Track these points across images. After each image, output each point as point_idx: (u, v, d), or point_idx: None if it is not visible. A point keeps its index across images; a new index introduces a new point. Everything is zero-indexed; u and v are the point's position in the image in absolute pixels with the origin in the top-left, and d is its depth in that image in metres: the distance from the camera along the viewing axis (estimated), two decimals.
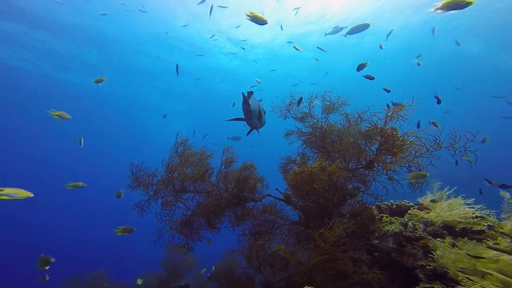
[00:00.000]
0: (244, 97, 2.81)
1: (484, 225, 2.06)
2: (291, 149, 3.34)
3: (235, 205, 3.05)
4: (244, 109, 2.81)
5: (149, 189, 2.85)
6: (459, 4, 2.31)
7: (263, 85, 10.79)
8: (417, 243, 2.17)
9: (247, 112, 2.78)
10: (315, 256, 1.59)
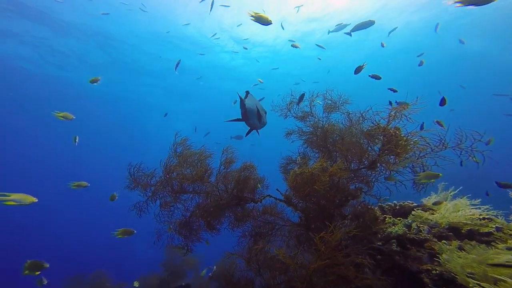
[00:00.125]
0: (239, 97, 2.76)
1: (492, 227, 1.99)
2: (291, 149, 3.29)
3: (235, 205, 3.00)
4: (240, 109, 2.75)
5: (147, 190, 2.81)
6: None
7: (265, 84, 10.74)
8: (422, 245, 2.11)
9: (243, 112, 2.72)
10: (315, 261, 1.53)
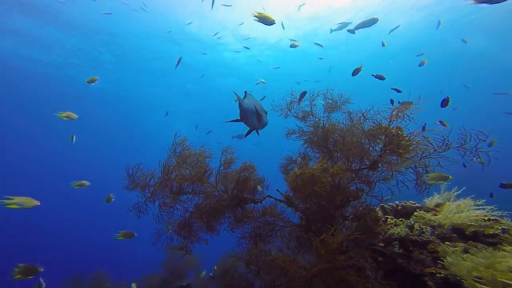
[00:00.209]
0: (237, 96, 2.73)
1: (498, 229, 1.95)
2: (292, 149, 3.25)
3: (235, 206, 2.97)
4: (239, 109, 2.72)
5: (146, 190, 2.78)
6: None
7: (268, 83, 10.71)
8: (425, 247, 2.07)
9: (241, 112, 2.69)
10: (315, 264, 1.50)
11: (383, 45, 8.31)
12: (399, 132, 2.20)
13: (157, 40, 14.10)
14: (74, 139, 4.27)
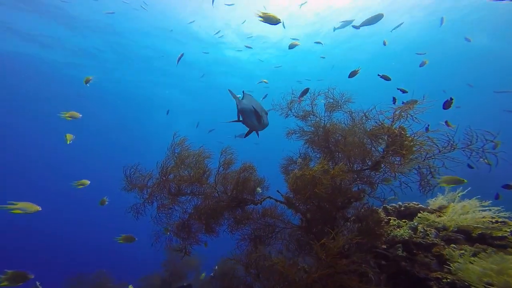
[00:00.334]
0: (233, 96, 2.67)
1: (506, 231, 1.88)
2: (293, 149, 3.19)
3: (235, 207, 2.92)
4: (236, 108, 2.67)
5: (144, 192, 2.74)
6: None
7: (270, 82, 10.67)
8: (430, 250, 2.01)
9: (238, 112, 2.64)
10: (315, 270, 1.45)
11: (384, 44, 8.28)
12: (402, 132, 2.14)
13: (158, 39, 14.06)
14: (71, 139, 4.21)
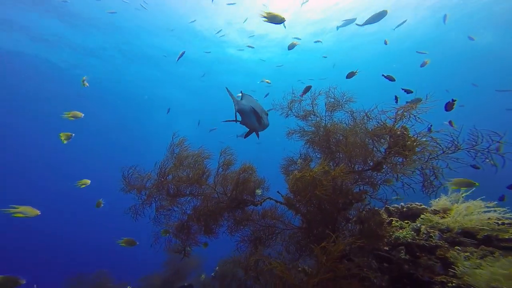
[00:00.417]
0: (231, 96, 2.63)
1: None
2: (293, 149, 3.15)
3: (234, 208, 2.89)
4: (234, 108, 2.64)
5: (142, 193, 2.71)
6: None
7: (272, 81, 10.63)
8: (433, 253, 1.97)
9: (236, 112, 2.61)
10: (316, 275, 1.41)
11: (385, 43, 8.24)
12: (405, 132, 2.09)
13: (159, 38, 14.03)
14: (68, 138, 4.18)
